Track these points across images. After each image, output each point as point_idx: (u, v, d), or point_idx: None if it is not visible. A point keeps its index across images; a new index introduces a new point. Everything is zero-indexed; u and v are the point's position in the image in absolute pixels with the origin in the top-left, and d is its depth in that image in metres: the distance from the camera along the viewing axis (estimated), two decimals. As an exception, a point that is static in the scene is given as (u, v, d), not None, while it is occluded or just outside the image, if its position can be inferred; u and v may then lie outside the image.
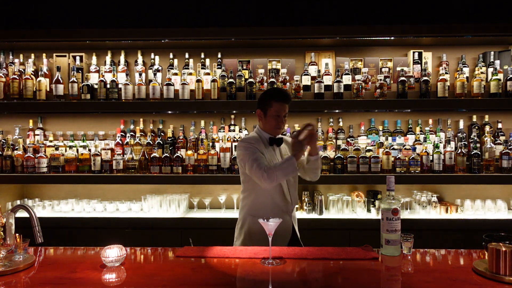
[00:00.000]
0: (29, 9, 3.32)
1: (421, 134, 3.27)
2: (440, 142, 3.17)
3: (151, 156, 3.18)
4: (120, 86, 3.23)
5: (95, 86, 3.26)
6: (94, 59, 3.41)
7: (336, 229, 3.02)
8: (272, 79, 3.14)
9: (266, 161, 2.16)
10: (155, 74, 3.24)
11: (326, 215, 3.17)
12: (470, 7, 3.13)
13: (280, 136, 2.32)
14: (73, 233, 3.12)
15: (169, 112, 3.37)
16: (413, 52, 3.34)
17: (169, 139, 3.36)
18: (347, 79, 3.18)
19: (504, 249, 1.42)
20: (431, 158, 3.12)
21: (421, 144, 3.17)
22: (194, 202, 3.33)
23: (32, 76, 3.26)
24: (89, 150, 3.28)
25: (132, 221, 3.13)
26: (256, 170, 2.07)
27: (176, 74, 3.29)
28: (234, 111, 3.38)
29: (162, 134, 3.39)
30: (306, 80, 3.21)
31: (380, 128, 3.39)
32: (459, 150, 3.09)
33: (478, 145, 3.10)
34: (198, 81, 3.19)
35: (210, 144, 3.18)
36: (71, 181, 3.23)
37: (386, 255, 1.66)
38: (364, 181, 3.14)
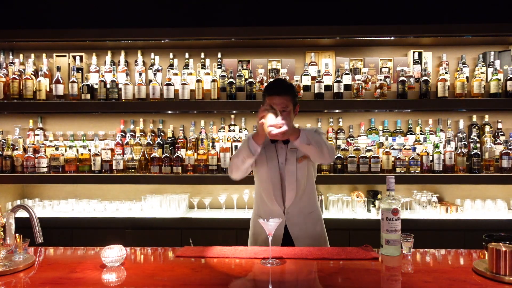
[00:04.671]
0: (29, 9, 3.31)
1: (421, 134, 3.27)
2: (440, 142, 3.17)
3: (151, 156, 3.18)
4: (120, 86, 3.23)
5: (95, 86, 3.25)
6: (94, 59, 3.40)
7: (336, 229, 3.01)
8: (272, 79, 3.14)
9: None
10: (155, 74, 3.24)
11: (326, 215, 3.17)
12: (470, 7, 3.13)
13: None
14: (73, 233, 3.12)
15: (169, 112, 3.37)
16: (413, 52, 3.34)
17: (169, 139, 3.36)
18: (347, 79, 3.18)
19: (504, 249, 1.42)
20: (431, 158, 3.12)
21: (421, 144, 3.17)
22: (194, 202, 3.33)
23: (32, 76, 3.26)
24: (89, 150, 3.27)
25: (132, 221, 3.12)
26: (231, 159, 2.04)
27: (176, 74, 3.29)
28: (234, 111, 3.38)
29: (162, 134, 3.39)
30: (306, 80, 3.21)
31: (380, 128, 3.39)
32: (459, 150, 3.09)
33: (478, 145, 3.10)
34: (198, 81, 3.19)
35: (210, 144, 3.18)
36: (71, 181, 3.23)
37: (386, 255, 1.66)
38: (364, 181, 3.14)
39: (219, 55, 3.40)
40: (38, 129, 3.47)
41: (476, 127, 3.31)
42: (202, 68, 3.29)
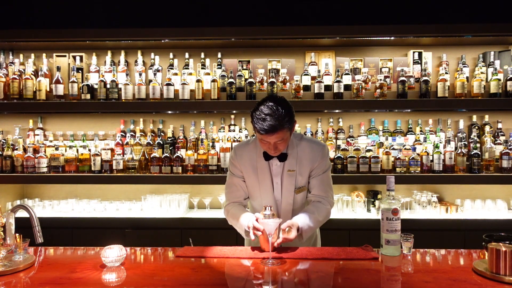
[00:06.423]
0: (29, 9, 3.31)
1: (421, 134, 3.27)
2: (440, 142, 3.17)
3: (151, 156, 3.18)
4: (120, 86, 3.23)
5: (95, 86, 3.25)
6: (94, 59, 3.40)
7: (336, 229, 3.01)
8: (272, 79, 3.14)
9: (240, 191, 2.01)
10: (155, 74, 3.24)
11: (326, 215, 3.17)
12: (470, 7, 3.13)
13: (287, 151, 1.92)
14: (73, 233, 3.12)
15: (169, 112, 3.37)
16: (413, 52, 3.34)
17: (169, 139, 3.36)
18: (347, 79, 3.18)
19: (504, 249, 1.42)
20: (431, 158, 3.12)
21: (421, 144, 3.17)
22: (194, 202, 3.33)
23: (32, 76, 3.26)
24: (89, 150, 3.27)
25: (132, 221, 3.12)
26: (224, 196, 2.09)
27: (176, 74, 3.29)
28: (234, 111, 3.38)
29: (162, 134, 3.39)
30: (306, 80, 3.21)
31: (380, 128, 3.39)
32: (459, 150, 3.09)
33: (478, 145, 3.10)
34: (198, 81, 3.19)
35: (210, 144, 3.18)
36: (71, 181, 3.23)
37: (386, 255, 1.66)
38: (364, 181, 3.14)
39: (219, 55, 3.40)
40: (38, 129, 3.47)
41: (476, 127, 3.31)
42: (202, 68, 3.29)
